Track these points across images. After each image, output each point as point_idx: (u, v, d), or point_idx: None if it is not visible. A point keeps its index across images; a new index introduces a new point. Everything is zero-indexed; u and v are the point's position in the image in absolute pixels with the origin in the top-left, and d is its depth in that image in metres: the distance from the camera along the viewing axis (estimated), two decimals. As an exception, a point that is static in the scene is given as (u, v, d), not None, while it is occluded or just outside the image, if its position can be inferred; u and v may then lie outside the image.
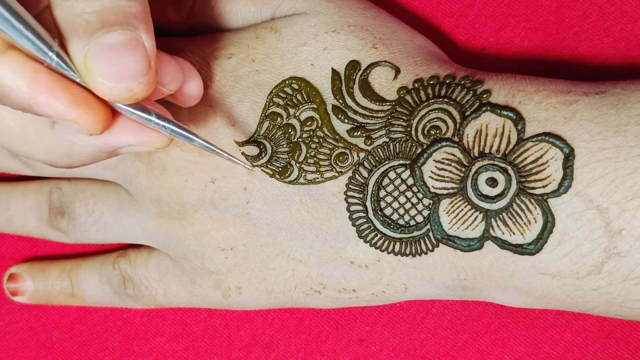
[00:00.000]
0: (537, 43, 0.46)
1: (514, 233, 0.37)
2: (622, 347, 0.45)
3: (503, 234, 0.37)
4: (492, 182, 0.38)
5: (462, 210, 0.38)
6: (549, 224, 0.37)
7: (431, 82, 0.39)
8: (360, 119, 0.40)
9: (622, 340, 0.45)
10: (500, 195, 0.37)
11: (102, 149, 0.35)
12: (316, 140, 0.40)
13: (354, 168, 0.39)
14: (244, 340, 0.48)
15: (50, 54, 0.31)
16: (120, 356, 0.49)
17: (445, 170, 0.38)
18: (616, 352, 0.45)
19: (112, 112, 0.34)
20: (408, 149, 0.39)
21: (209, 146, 0.37)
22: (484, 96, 0.38)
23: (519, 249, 0.37)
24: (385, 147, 0.39)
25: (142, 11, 0.33)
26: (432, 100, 0.39)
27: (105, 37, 0.31)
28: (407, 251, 0.39)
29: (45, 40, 0.31)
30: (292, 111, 0.40)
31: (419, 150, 0.39)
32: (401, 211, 0.39)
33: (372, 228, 0.39)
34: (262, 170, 0.40)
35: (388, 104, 0.39)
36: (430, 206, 0.39)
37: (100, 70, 0.31)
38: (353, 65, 0.40)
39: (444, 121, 0.38)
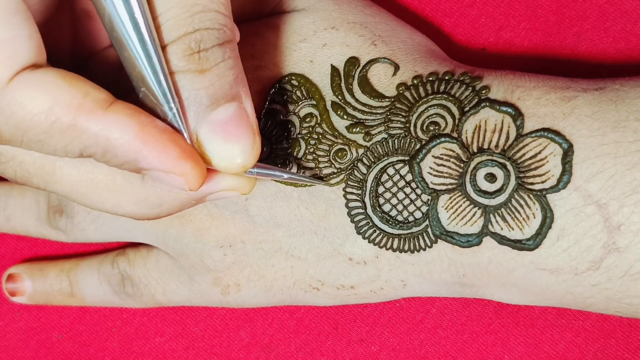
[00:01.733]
0: (537, 43, 0.46)
1: (512, 229, 0.37)
2: (622, 347, 0.45)
3: (502, 229, 0.37)
4: (491, 177, 0.38)
5: (461, 206, 0.38)
6: (547, 219, 0.37)
7: (430, 79, 0.39)
8: (360, 115, 0.40)
9: (622, 340, 0.45)
10: (499, 191, 0.37)
11: (195, 197, 0.36)
12: (315, 136, 0.40)
13: (353, 164, 0.39)
14: (243, 340, 0.48)
15: (172, 104, 0.32)
16: (120, 356, 0.49)
17: (444, 166, 0.38)
18: (616, 352, 0.45)
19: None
20: (407, 145, 0.39)
21: (294, 177, 0.39)
22: (483, 92, 0.38)
23: (517, 245, 0.37)
24: (384, 143, 0.39)
25: (241, 72, 0.34)
26: (431, 97, 0.39)
27: (212, 115, 0.32)
28: (406, 247, 0.39)
29: (170, 89, 0.32)
30: (291, 107, 0.40)
31: (418, 146, 0.39)
32: (400, 207, 0.39)
33: (370, 224, 0.39)
34: None
35: (387, 100, 0.40)
36: (428, 202, 0.38)
37: (212, 152, 0.33)
38: (352, 61, 0.40)
39: (443, 117, 0.39)
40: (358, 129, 0.39)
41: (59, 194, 0.36)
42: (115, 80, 0.36)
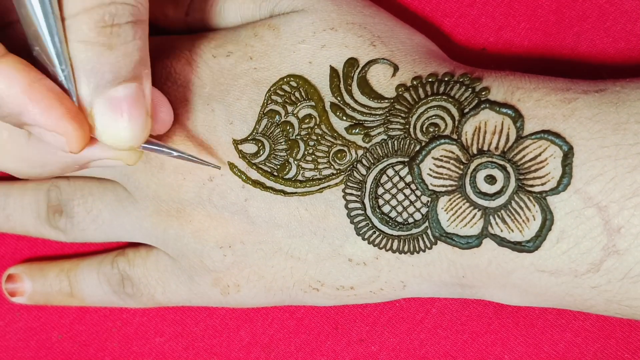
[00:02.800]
0: (537, 43, 0.46)
1: (512, 230, 0.37)
2: (622, 347, 0.45)
3: (502, 231, 0.37)
4: (491, 179, 0.37)
5: (461, 207, 0.38)
6: (547, 221, 0.37)
7: (430, 80, 0.39)
8: (359, 117, 0.40)
9: (622, 340, 0.45)
10: (499, 193, 0.37)
11: (78, 161, 0.36)
12: (314, 137, 0.40)
13: (352, 165, 0.39)
14: (243, 340, 0.48)
15: (64, 67, 0.32)
16: (120, 356, 0.49)
17: (444, 167, 0.38)
18: (616, 352, 0.45)
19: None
20: (406, 147, 0.39)
21: (183, 155, 0.39)
22: (483, 93, 0.38)
23: (517, 247, 0.37)
24: (383, 144, 0.39)
25: (147, 54, 0.34)
26: (431, 98, 0.39)
27: (112, 91, 0.33)
28: (405, 249, 0.39)
29: (64, 52, 0.32)
30: (290, 109, 0.40)
31: (418, 147, 0.39)
32: (399, 209, 0.39)
33: (370, 225, 0.39)
34: (261, 167, 0.40)
35: (386, 101, 0.39)
36: (428, 204, 0.38)
37: (103, 127, 0.34)
38: (351, 62, 0.40)
39: (443, 118, 0.38)
40: (357, 130, 0.39)
41: None
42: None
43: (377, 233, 0.39)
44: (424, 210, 0.39)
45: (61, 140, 0.33)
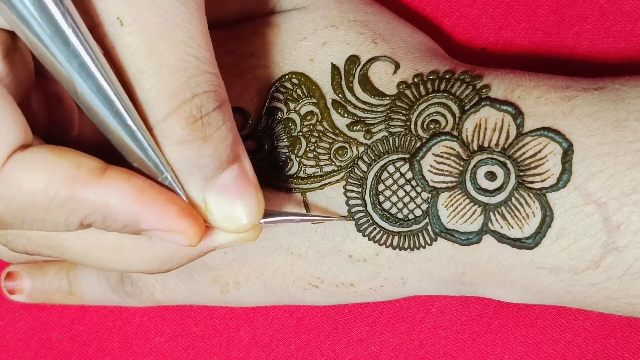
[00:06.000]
0: (537, 42, 0.46)
1: (512, 227, 0.37)
2: (622, 347, 0.45)
3: (502, 227, 0.37)
4: (491, 175, 0.38)
5: (461, 203, 0.38)
6: (547, 218, 0.37)
7: (431, 77, 0.39)
8: (360, 113, 0.40)
9: (622, 340, 0.45)
10: (499, 189, 0.37)
11: (203, 250, 0.36)
12: (316, 134, 0.40)
13: (353, 162, 0.40)
14: (243, 340, 0.48)
15: (165, 174, 0.32)
16: (120, 356, 0.49)
17: (444, 164, 0.38)
18: (616, 352, 0.45)
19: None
20: (407, 143, 0.39)
21: (306, 218, 0.39)
22: (483, 91, 0.38)
23: (517, 243, 0.37)
24: (384, 141, 0.39)
25: (236, 131, 0.34)
26: (432, 95, 0.39)
27: (219, 180, 0.33)
28: (406, 245, 0.39)
29: (161, 160, 0.32)
30: (292, 105, 0.40)
31: (418, 144, 0.39)
32: (400, 205, 0.39)
33: (370, 222, 0.39)
34: (263, 164, 0.40)
35: (387, 98, 0.40)
36: (429, 200, 0.39)
37: (222, 217, 0.34)
38: (352, 59, 0.40)
39: (443, 115, 0.39)
40: (359, 127, 0.40)
41: (71, 261, 0.37)
42: None
43: (378, 229, 0.39)
44: (424, 206, 0.39)
45: (180, 237, 0.33)
